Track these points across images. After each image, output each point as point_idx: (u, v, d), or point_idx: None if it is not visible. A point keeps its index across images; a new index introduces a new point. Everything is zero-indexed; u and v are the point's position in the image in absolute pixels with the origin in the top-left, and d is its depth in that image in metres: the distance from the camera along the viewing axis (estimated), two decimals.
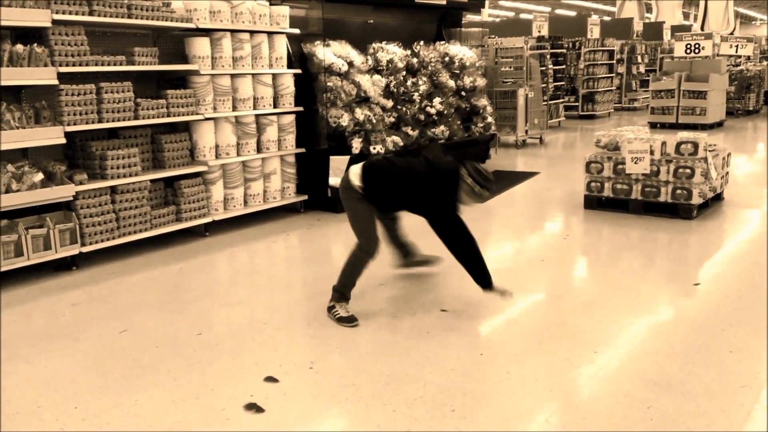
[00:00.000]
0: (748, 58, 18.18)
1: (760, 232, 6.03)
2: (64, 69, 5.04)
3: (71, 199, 5.15)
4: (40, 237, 4.95)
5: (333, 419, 3.04)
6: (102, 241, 5.35)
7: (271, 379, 3.37)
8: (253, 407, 3.10)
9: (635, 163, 6.42)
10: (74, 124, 5.15)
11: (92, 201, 5.28)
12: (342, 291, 4.11)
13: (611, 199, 6.70)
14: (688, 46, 14.22)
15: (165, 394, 3.25)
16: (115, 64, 5.39)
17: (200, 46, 6.05)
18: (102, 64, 5.31)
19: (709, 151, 6.44)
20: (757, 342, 3.69)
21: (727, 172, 7.21)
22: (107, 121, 5.36)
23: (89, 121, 5.25)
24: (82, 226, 5.22)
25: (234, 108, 6.35)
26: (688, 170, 6.25)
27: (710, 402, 3.05)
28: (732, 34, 22.75)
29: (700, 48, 14.06)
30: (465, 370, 3.44)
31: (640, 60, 18.61)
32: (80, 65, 5.16)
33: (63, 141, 5.09)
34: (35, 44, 4.90)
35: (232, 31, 6.27)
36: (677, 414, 2.96)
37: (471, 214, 6.87)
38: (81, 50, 5.17)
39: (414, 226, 4.60)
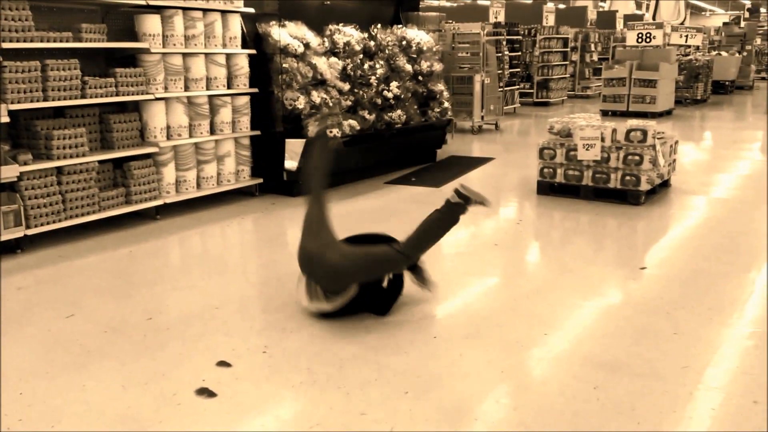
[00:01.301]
0: (698, 48, 18.64)
1: (704, 218, 6.23)
2: (7, 45, 4.85)
3: (15, 180, 4.97)
4: None
5: (286, 402, 3.03)
6: (48, 223, 5.20)
7: (223, 364, 3.34)
8: (205, 392, 3.07)
9: (586, 149, 6.53)
10: (18, 102, 4.97)
11: (37, 182, 5.11)
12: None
13: (563, 185, 6.81)
14: (640, 36, 14.47)
15: (114, 380, 3.19)
16: (61, 41, 5.21)
17: (151, 24, 5.88)
18: (47, 41, 5.13)
19: (658, 138, 6.59)
20: (699, 324, 3.82)
21: (675, 160, 7.41)
22: (53, 100, 5.18)
23: (34, 99, 5.06)
24: (27, 208, 5.05)
25: (186, 88, 6.21)
26: (637, 157, 6.39)
27: (654, 383, 3.15)
28: (682, 24, 23.27)
29: (652, 37, 14.34)
30: (419, 353, 3.47)
31: (593, 48, 18.89)
32: (24, 41, 4.97)
33: (6, 120, 4.90)
34: None
35: (184, 9, 6.11)
36: (623, 394, 3.05)
37: (426, 199, 6.94)
38: (25, 26, 4.98)
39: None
